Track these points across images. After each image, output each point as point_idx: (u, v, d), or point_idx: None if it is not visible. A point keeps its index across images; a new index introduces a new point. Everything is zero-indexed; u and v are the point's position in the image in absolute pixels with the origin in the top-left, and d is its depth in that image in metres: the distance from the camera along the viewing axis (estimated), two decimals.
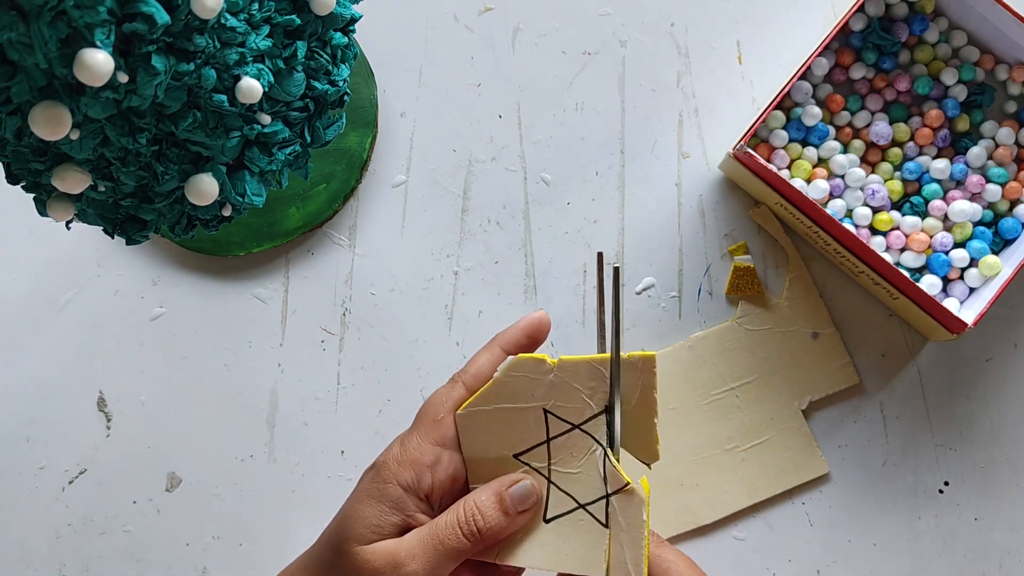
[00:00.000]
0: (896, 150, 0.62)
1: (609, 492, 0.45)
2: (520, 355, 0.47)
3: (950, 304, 0.59)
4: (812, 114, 0.61)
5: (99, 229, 0.63)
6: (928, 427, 0.62)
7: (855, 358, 0.63)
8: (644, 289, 0.63)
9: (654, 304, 0.63)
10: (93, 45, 0.37)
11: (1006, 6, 0.59)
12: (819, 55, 0.60)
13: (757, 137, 0.62)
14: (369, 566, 0.45)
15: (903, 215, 0.61)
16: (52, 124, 0.39)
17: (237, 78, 0.43)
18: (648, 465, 0.46)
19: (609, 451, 0.45)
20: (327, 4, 0.46)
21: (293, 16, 0.45)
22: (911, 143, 0.62)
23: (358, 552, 0.45)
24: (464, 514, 0.45)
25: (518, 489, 0.46)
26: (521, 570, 0.49)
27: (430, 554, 0.45)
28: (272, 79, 0.45)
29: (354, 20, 0.49)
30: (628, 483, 0.44)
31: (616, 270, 0.45)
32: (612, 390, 0.45)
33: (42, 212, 0.47)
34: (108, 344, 0.63)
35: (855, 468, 0.62)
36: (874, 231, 0.61)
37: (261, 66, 0.44)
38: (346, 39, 0.49)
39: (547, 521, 0.46)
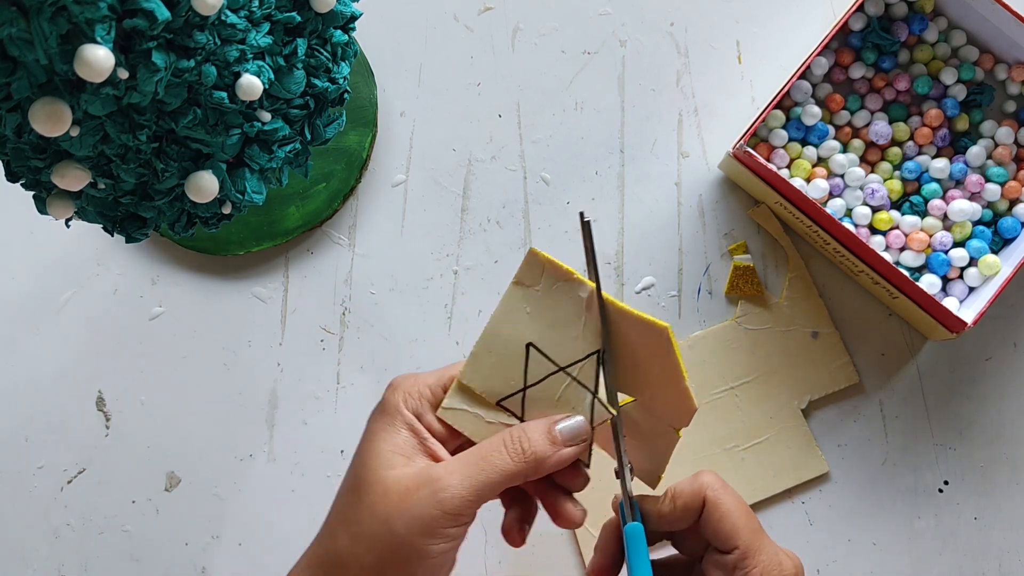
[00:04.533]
0: (895, 149, 0.62)
1: (593, 424, 0.45)
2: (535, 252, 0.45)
3: (950, 303, 0.59)
4: (812, 113, 0.61)
5: (98, 228, 0.63)
6: (928, 426, 0.62)
7: (855, 357, 0.63)
8: (644, 288, 0.63)
9: (654, 303, 0.63)
10: (94, 41, 0.37)
11: (1006, 6, 0.59)
12: (819, 55, 0.60)
13: (757, 136, 0.62)
14: (399, 485, 0.43)
15: (902, 214, 0.61)
16: (52, 121, 0.39)
17: (237, 75, 0.43)
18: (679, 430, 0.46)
19: (599, 397, 0.45)
20: (327, 2, 0.46)
21: (293, 13, 0.45)
22: (910, 142, 0.62)
23: (385, 476, 0.43)
24: (510, 435, 0.44)
25: (568, 423, 0.45)
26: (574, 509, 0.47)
27: (471, 470, 0.43)
28: (272, 76, 0.45)
29: (354, 18, 0.49)
30: (613, 414, 0.45)
31: (587, 223, 0.44)
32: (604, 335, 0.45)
33: (42, 210, 0.47)
34: (107, 343, 0.63)
35: (855, 468, 0.62)
36: (873, 230, 0.61)
37: (261, 63, 0.44)
38: (346, 37, 0.49)
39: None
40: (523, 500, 0.48)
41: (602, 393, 0.45)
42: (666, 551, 0.49)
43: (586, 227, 0.44)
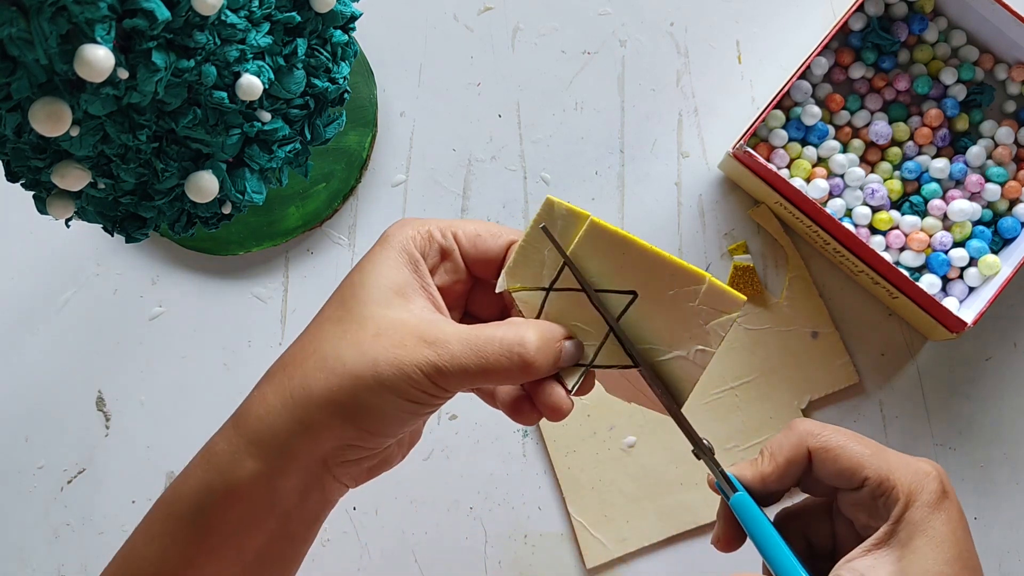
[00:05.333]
0: (895, 149, 0.62)
1: (595, 362, 0.42)
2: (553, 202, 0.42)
3: (949, 303, 0.59)
4: (812, 113, 0.61)
5: (98, 228, 0.63)
6: (928, 426, 0.62)
7: (855, 357, 0.63)
8: None
9: None
10: (94, 41, 0.37)
11: (1006, 6, 0.59)
12: (819, 55, 0.60)
13: (757, 136, 0.62)
14: (395, 332, 0.39)
15: (902, 214, 0.61)
16: (52, 120, 0.39)
17: (237, 75, 0.43)
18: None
19: (616, 330, 0.42)
20: (327, 2, 0.46)
21: (293, 13, 0.45)
22: (910, 142, 0.62)
23: (379, 315, 0.39)
24: (528, 337, 0.40)
25: (570, 346, 0.42)
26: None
27: (477, 355, 0.39)
28: (272, 76, 0.45)
29: (354, 18, 0.49)
30: (633, 364, 0.42)
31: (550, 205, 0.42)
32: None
33: (42, 210, 0.47)
34: (107, 343, 0.63)
35: None
36: (873, 230, 0.61)
37: (261, 63, 0.44)
38: (346, 37, 0.49)
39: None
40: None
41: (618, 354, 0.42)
42: (798, 496, 0.46)
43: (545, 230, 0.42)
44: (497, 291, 0.43)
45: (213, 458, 0.42)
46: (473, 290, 0.46)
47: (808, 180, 0.61)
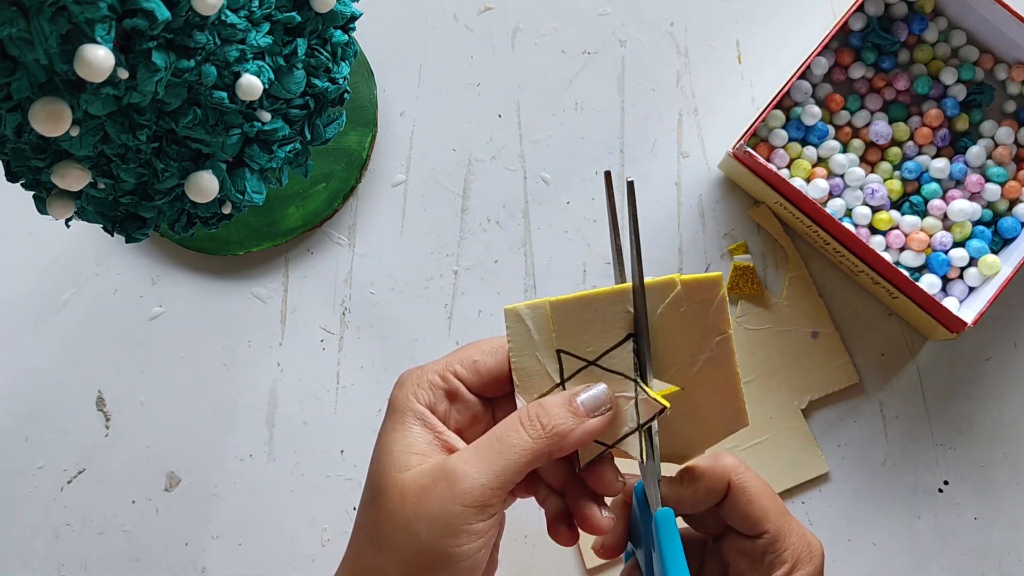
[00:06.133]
0: (895, 149, 0.62)
1: (640, 423, 0.42)
2: (509, 307, 0.43)
3: (949, 303, 0.59)
4: (812, 113, 0.61)
5: (98, 228, 0.63)
6: (928, 426, 0.62)
7: (855, 357, 0.63)
8: None
9: None
10: (94, 41, 0.37)
11: (1006, 6, 0.59)
12: (818, 55, 0.60)
13: (757, 136, 0.62)
14: (415, 486, 0.39)
15: (902, 214, 0.61)
16: (52, 120, 0.39)
17: (237, 75, 0.43)
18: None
19: (638, 380, 0.42)
20: (327, 2, 0.46)
21: (293, 13, 0.45)
22: (910, 142, 0.62)
23: (400, 480, 0.39)
24: (527, 412, 0.40)
25: (589, 392, 0.41)
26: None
27: (489, 454, 0.39)
28: (272, 76, 0.45)
29: (354, 18, 0.49)
30: (665, 408, 0.41)
31: (631, 184, 0.42)
32: (638, 315, 0.42)
33: (42, 210, 0.47)
34: (107, 343, 0.63)
35: (855, 467, 0.62)
36: (873, 230, 0.61)
37: (261, 63, 0.44)
38: (346, 37, 0.49)
39: (580, 470, 0.43)
40: (559, 495, 0.45)
41: (650, 386, 0.42)
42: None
43: (630, 188, 0.42)
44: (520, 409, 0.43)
45: None
46: (496, 408, 0.45)
47: (808, 180, 0.61)
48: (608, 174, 0.43)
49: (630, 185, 0.42)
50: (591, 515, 0.43)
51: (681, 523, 0.46)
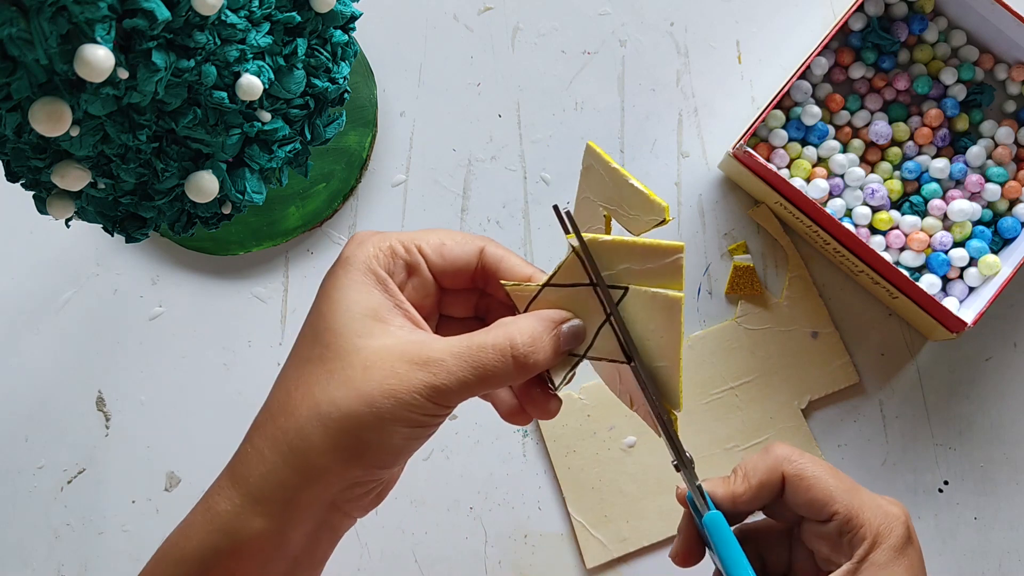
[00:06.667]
0: (895, 149, 0.62)
1: (587, 355, 0.41)
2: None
3: (949, 303, 0.59)
4: (812, 113, 0.61)
5: (98, 228, 0.63)
6: (928, 426, 0.62)
7: (855, 357, 0.63)
8: None
9: None
10: (94, 41, 0.37)
11: (1006, 6, 0.59)
12: (818, 55, 0.60)
13: (757, 136, 0.62)
14: (383, 362, 0.37)
15: (902, 214, 0.61)
16: (52, 120, 0.39)
17: (237, 75, 0.43)
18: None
19: (614, 322, 0.41)
20: (327, 2, 0.46)
21: (293, 13, 0.45)
22: (910, 142, 0.62)
23: (363, 347, 0.37)
24: (518, 338, 0.38)
25: (571, 327, 0.40)
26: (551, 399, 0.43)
27: (468, 365, 0.37)
28: (272, 76, 0.45)
29: (354, 18, 0.49)
30: (629, 360, 0.40)
31: (557, 208, 0.41)
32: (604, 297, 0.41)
33: (42, 210, 0.47)
34: (107, 343, 0.63)
35: (855, 467, 0.62)
36: (873, 230, 0.61)
37: (261, 63, 0.44)
38: (346, 37, 0.49)
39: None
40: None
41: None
42: (757, 515, 0.46)
43: (564, 215, 0.40)
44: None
45: (216, 518, 0.40)
46: (443, 300, 0.44)
47: (808, 180, 0.61)
48: (556, 207, 0.41)
49: (557, 210, 0.41)
50: (542, 400, 0.42)
51: (760, 515, 0.45)
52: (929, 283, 0.60)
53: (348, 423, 0.37)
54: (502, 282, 0.42)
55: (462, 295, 0.44)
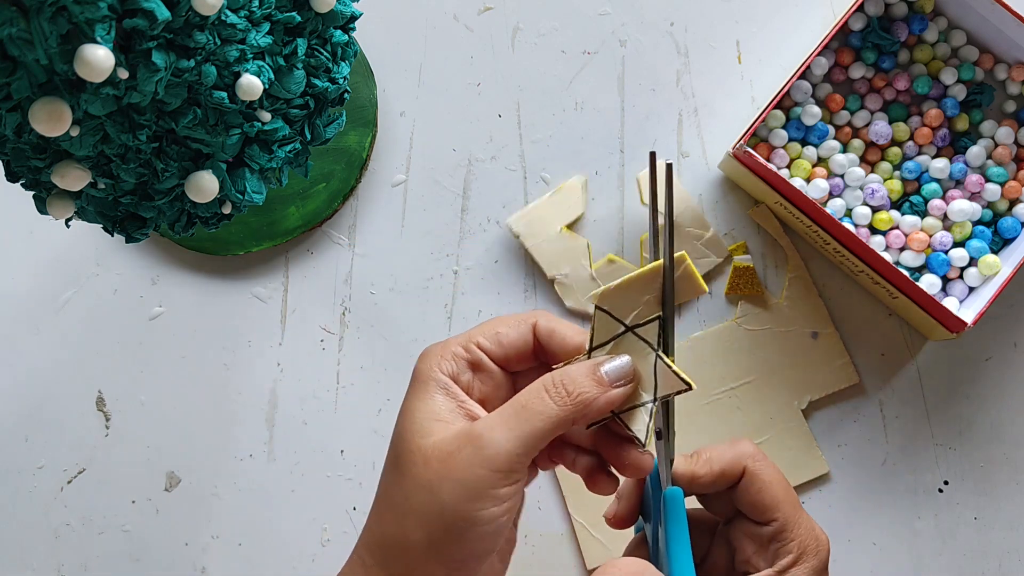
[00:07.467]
0: (895, 149, 0.62)
1: (657, 396, 0.42)
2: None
3: (949, 303, 0.59)
4: (812, 113, 0.61)
5: (98, 228, 0.63)
6: (928, 426, 0.62)
7: (855, 358, 0.63)
8: None
9: None
10: (94, 41, 0.37)
11: (1006, 6, 0.59)
12: (818, 55, 0.60)
13: (757, 136, 0.62)
14: (439, 451, 0.39)
15: (902, 214, 0.61)
16: (52, 120, 0.39)
17: (237, 75, 0.43)
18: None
19: (663, 355, 0.42)
20: (327, 2, 0.46)
21: (293, 13, 0.45)
22: (910, 142, 0.62)
23: (424, 445, 0.40)
24: (552, 379, 0.40)
25: (614, 363, 0.42)
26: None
27: (514, 421, 0.39)
28: (272, 76, 0.45)
29: (354, 18, 0.49)
30: (690, 386, 0.41)
31: (669, 166, 0.43)
32: (665, 295, 0.42)
33: (41, 210, 0.47)
34: (107, 343, 0.63)
35: (855, 467, 0.62)
36: (873, 230, 0.61)
37: (261, 63, 0.44)
38: (346, 37, 0.49)
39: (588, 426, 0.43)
40: (588, 453, 0.45)
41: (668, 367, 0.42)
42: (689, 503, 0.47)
43: (668, 169, 0.43)
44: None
45: None
46: (517, 382, 0.45)
47: (808, 180, 0.61)
48: (653, 155, 0.44)
49: (668, 167, 0.43)
50: (629, 456, 0.43)
51: (694, 503, 0.47)
52: (929, 283, 0.60)
53: (419, 517, 0.39)
54: (553, 367, 0.43)
55: (532, 373, 0.45)
